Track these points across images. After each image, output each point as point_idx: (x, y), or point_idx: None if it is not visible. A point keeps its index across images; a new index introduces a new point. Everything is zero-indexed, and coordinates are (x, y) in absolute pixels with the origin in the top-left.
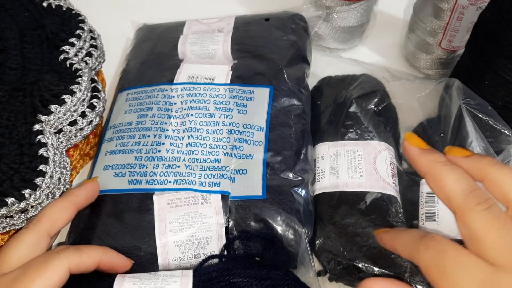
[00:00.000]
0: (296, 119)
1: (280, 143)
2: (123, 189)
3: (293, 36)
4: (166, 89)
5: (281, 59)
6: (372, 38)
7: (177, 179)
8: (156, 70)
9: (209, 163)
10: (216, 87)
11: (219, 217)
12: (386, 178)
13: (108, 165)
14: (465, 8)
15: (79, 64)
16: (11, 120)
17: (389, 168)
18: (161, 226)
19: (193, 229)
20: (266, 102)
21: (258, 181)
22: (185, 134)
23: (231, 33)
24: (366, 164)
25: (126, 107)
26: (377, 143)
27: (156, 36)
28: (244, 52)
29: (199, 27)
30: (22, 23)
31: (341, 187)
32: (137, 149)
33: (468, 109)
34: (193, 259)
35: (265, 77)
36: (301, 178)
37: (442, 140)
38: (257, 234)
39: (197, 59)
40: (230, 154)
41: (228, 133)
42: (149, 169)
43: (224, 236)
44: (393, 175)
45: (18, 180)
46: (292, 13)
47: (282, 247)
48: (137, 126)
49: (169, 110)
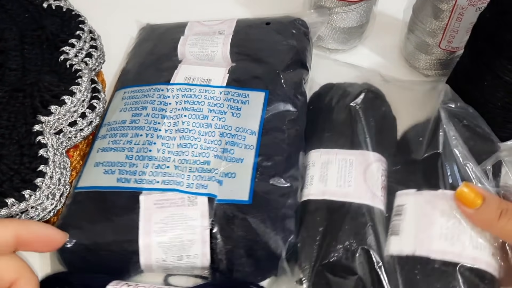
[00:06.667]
0: (290, 124)
1: (272, 148)
2: (111, 187)
3: (293, 41)
4: (162, 89)
5: (279, 64)
6: (371, 38)
7: (165, 180)
8: (155, 70)
9: (198, 165)
10: (212, 89)
11: (204, 220)
12: (375, 190)
13: (99, 162)
14: (464, 9)
15: (79, 65)
16: (11, 120)
17: (379, 180)
18: (145, 226)
19: (177, 231)
20: (261, 106)
21: (246, 186)
22: (177, 135)
23: (231, 36)
24: (357, 174)
25: (122, 105)
26: (371, 154)
27: (157, 36)
28: (242, 55)
29: (201, 28)
30: (22, 24)
31: (327, 195)
32: (128, 147)
33: (447, 112)
34: (175, 261)
35: (261, 81)
36: (289, 185)
37: (420, 144)
38: (239, 241)
39: (196, 60)
40: (221, 157)
41: (220, 136)
42: (138, 168)
43: (208, 239)
44: (382, 187)
45: (18, 181)
46: (294, 18)
47: (264, 254)
48: (130, 125)
49: (163, 110)
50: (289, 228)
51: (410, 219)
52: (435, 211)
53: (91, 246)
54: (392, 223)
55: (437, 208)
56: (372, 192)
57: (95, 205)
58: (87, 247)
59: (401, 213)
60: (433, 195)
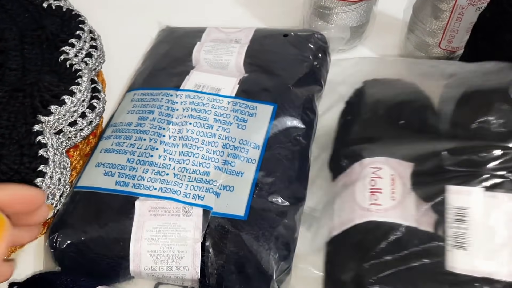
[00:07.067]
0: (295, 141)
1: (274, 164)
2: (109, 189)
3: (308, 55)
4: (171, 94)
5: (291, 78)
6: (371, 38)
7: (162, 187)
8: (167, 73)
9: (197, 175)
10: (220, 99)
11: (196, 232)
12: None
13: (100, 162)
14: (464, 9)
15: (79, 64)
16: (11, 120)
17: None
18: (137, 232)
19: (169, 240)
20: (268, 120)
21: (243, 201)
22: (180, 142)
23: (247, 46)
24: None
25: (130, 107)
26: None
27: (174, 40)
28: (255, 66)
29: (218, 35)
30: (22, 24)
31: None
32: (131, 151)
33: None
34: (165, 271)
35: (270, 94)
36: (288, 204)
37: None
38: (231, 257)
39: (209, 68)
40: (221, 169)
41: (223, 147)
42: (138, 173)
43: (199, 252)
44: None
45: (18, 181)
46: (313, 31)
47: (255, 273)
48: (135, 128)
49: (169, 116)
50: (283, 249)
51: (480, 230)
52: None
53: (83, 247)
54: (451, 229)
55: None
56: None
57: (91, 206)
58: (78, 248)
59: (464, 219)
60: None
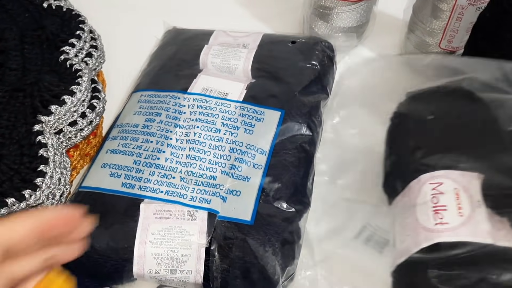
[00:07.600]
0: (301, 148)
1: (280, 170)
2: (115, 190)
3: (315, 62)
4: (179, 97)
5: (298, 85)
6: (371, 38)
7: (169, 190)
8: (174, 76)
9: (204, 179)
10: (228, 103)
11: (201, 236)
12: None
13: (106, 163)
14: (464, 9)
15: (79, 64)
16: (11, 120)
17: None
18: (142, 235)
19: (173, 244)
20: (275, 125)
21: (250, 206)
22: (187, 146)
23: (255, 51)
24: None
25: (137, 108)
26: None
27: (181, 41)
28: (262, 72)
29: (226, 39)
30: (22, 24)
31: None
32: (137, 152)
33: None
34: (168, 274)
35: (278, 100)
36: (294, 210)
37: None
38: (236, 261)
39: (216, 71)
40: (227, 173)
41: (230, 151)
42: (144, 175)
43: (203, 256)
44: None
45: (18, 181)
46: (320, 39)
47: (260, 278)
48: (142, 130)
49: (177, 119)
50: (288, 255)
51: None
52: None
53: (87, 248)
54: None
55: None
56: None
57: (96, 207)
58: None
59: None
60: None
